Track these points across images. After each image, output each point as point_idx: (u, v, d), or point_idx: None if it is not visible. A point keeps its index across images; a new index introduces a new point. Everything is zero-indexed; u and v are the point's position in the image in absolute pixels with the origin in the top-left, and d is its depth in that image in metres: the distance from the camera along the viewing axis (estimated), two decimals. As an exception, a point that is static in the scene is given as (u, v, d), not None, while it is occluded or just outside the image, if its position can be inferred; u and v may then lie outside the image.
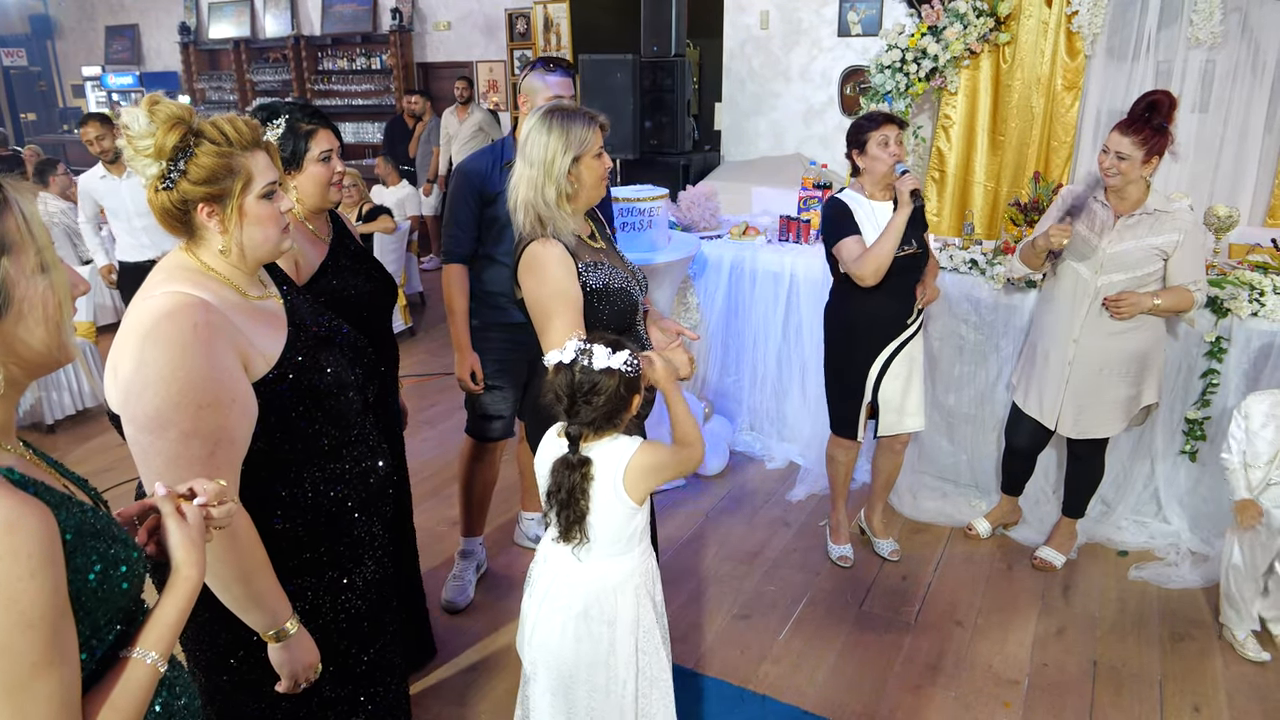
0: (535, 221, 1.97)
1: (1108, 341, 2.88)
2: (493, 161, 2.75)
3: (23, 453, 0.97)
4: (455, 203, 2.77)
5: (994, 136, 4.51)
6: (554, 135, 1.94)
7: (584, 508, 1.68)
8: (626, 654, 1.75)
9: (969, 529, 3.39)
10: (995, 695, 2.58)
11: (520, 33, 7.46)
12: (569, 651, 1.74)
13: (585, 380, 1.62)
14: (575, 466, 1.67)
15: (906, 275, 2.89)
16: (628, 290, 2.06)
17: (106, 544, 0.95)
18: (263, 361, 1.45)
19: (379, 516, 1.71)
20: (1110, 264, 2.81)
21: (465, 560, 3.13)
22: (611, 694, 1.76)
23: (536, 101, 2.69)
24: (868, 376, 2.99)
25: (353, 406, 1.62)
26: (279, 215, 1.48)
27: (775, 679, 2.65)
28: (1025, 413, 3.13)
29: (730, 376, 4.25)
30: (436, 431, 4.46)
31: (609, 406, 1.64)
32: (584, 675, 1.76)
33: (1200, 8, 3.93)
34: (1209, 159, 4.15)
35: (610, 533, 1.71)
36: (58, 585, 0.86)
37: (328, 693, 1.65)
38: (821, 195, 4.08)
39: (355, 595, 1.65)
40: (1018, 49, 4.32)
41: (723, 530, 3.52)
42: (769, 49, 5.40)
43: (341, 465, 1.59)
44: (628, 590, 1.75)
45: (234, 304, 1.45)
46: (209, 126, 1.38)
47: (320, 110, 2.15)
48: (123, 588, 0.97)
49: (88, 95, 10.65)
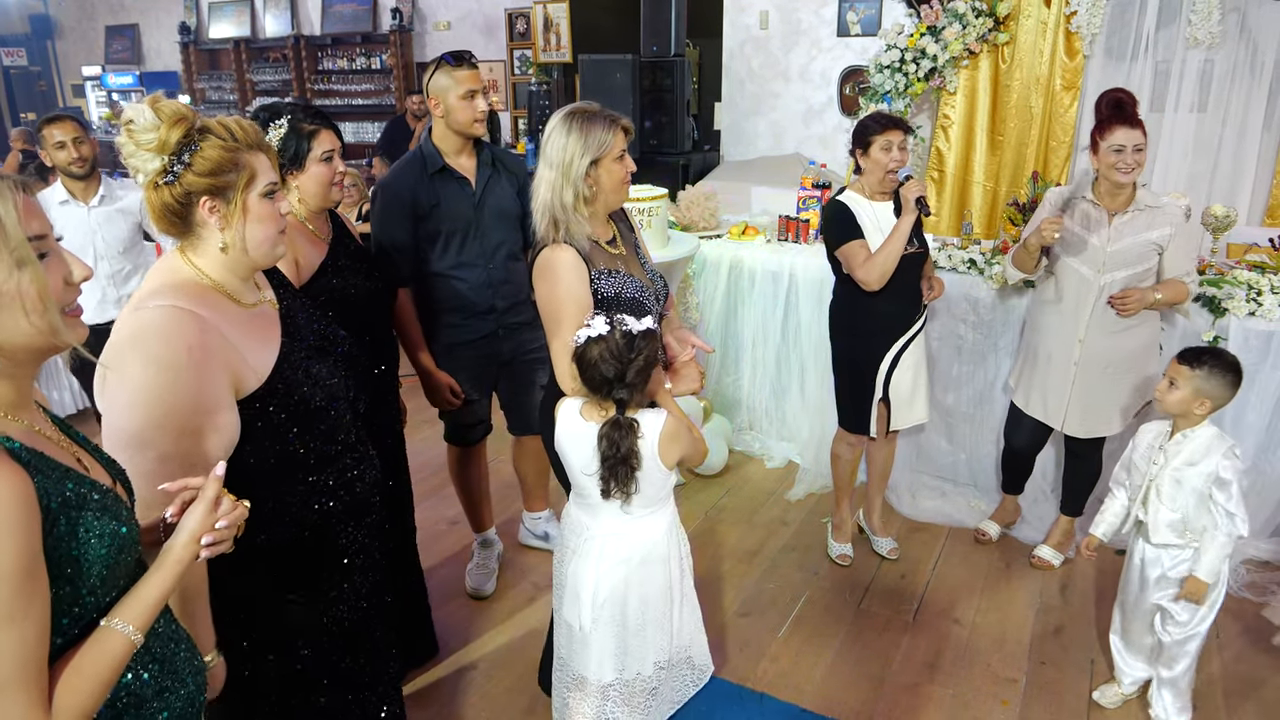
0: (550, 225, 1.97)
1: (1113, 340, 2.89)
2: (419, 173, 2.61)
3: (34, 426, 1.02)
4: (387, 225, 2.59)
5: (993, 136, 4.52)
6: (573, 137, 1.94)
7: (636, 465, 1.84)
8: (674, 583, 2.00)
9: (982, 534, 3.39)
10: (993, 693, 2.59)
11: (520, 33, 7.47)
12: (635, 595, 1.95)
13: (626, 344, 1.77)
14: (627, 428, 1.81)
15: (911, 273, 2.91)
16: (641, 300, 2.05)
17: (94, 515, 1.01)
18: (254, 377, 1.43)
19: (367, 525, 1.70)
20: (1112, 262, 2.82)
21: (485, 549, 3.14)
22: (663, 621, 2.00)
23: (449, 100, 2.56)
24: (879, 373, 3.00)
25: (342, 419, 1.60)
26: (279, 216, 1.47)
27: (774, 677, 2.66)
28: (1026, 413, 3.14)
29: (729, 375, 4.26)
30: (436, 431, 4.43)
31: (647, 366, 1.80)
32: (650, 613, 1.97)
33: (1198, 8, 3.93)
34: (1207, 159, 4.15)
35: (653, 490, 1.91)
36: (25, 548, 0.90)
37: (322, 702, 1.64)
38: (820, 195, 4.08)
39: (345, 605, 1.64)
40: (1016, 49, 4.33)
41: (722, 529, 3.52)
42: (768, 49, 5.41)
43: (326, 477, 1.57)
44: (674, 532, 2.01)
45: (229, 315, 1.43)
46: (214, 124, 1.40)
47: (322, 111, 2.16)
48: (104, 557, 1.02)
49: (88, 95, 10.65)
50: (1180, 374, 2.27)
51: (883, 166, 2.84)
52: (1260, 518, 3.16)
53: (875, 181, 2.89)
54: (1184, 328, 3.17)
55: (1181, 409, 2.28)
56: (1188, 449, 2.28)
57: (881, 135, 2.83)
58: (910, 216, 2.78)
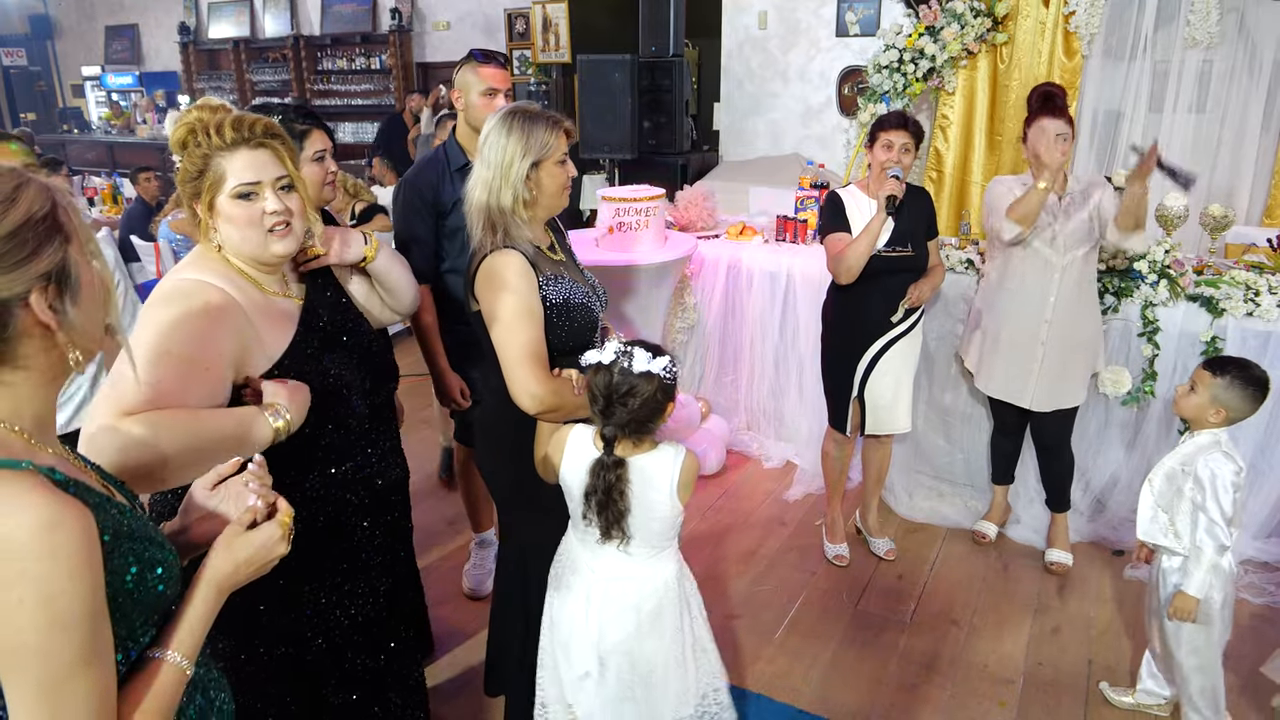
0: (488, 229, 1.88)
1: (1076, 317, 2.99)
2: (441, 170, 2.63)
3: (64, 453, 0.99)
4: (409, 219, 2.63)
5: (991, 137, 4.51)
6: (513, 138, 1.87)
7: (622, 508, 1.69)
8: (685, 630, 1.83)
9: (981, 536, 3.39)
10: (990, 694, 2.58)
11: (519, 32, 7.47)
12: (649, 645, 1.78)
13: (624, 382, 1.64)
14: (611, 468, 1.68)
15: (896, 276, 2.91)
16: (588, 306, 1.97)
17: (143, 545, 0.96)
18: (264, 358, 1.49)
19: (386, 524, 1.70)
20: (1069, 242, 2.92)
21: (482, 550, 3.14)
22: (681, 668, 1.83)
23: (470, 96, 2.60)
24: (854, 373, 3.01)
25: (355, 409, 1.61)
26: (256, 217, 1.48)
27: (770, 678, 2.66)
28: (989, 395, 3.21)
29: (727, 376, 4.25)
30: (435, 431, 4.46)
31: (645, 411, 1.65)
32: (670, 661, 1.81)
33: (1197, 8, 3.93)
34: (1206, 159, 4.15)
35: (659, 531, 1.76)
36: (95, 587, 0.86)
37: (337, 700, 1.64)
38: (818, 195, 4.08)
39: (363, 602, 1.64)
40: (1015, 49, 4.32)
41: (719, 529, 3.52)
42: (767, 49, 5.41)
43: (344, 470, 1.58)
44: (683, 577, 1.85)
45: (250, 299, 1.51)
46: (200, 128, 1.41)
47: (313, 111, 2.15)
48: (158, 590, 0.97)
49: (87, 95, 10.66)
50: (1202, 379, 2.23)
51: (879, 163, 2.88)
52: (1259, 518, 3.16)
53: (873, 177, 2.94)
54: (1181, 329, 3.17)
55: (1196, 414, 2.25)
56: (1186, 449, 2.27)
57: (885, 133, 2.87)
58: (880, 215, 2.80)
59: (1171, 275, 3.19)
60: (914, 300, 2.94)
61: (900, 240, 2.85)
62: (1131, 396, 3.24)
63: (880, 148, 2.86)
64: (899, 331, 2.98)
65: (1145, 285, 3.21)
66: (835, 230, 2.91)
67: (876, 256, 2.85)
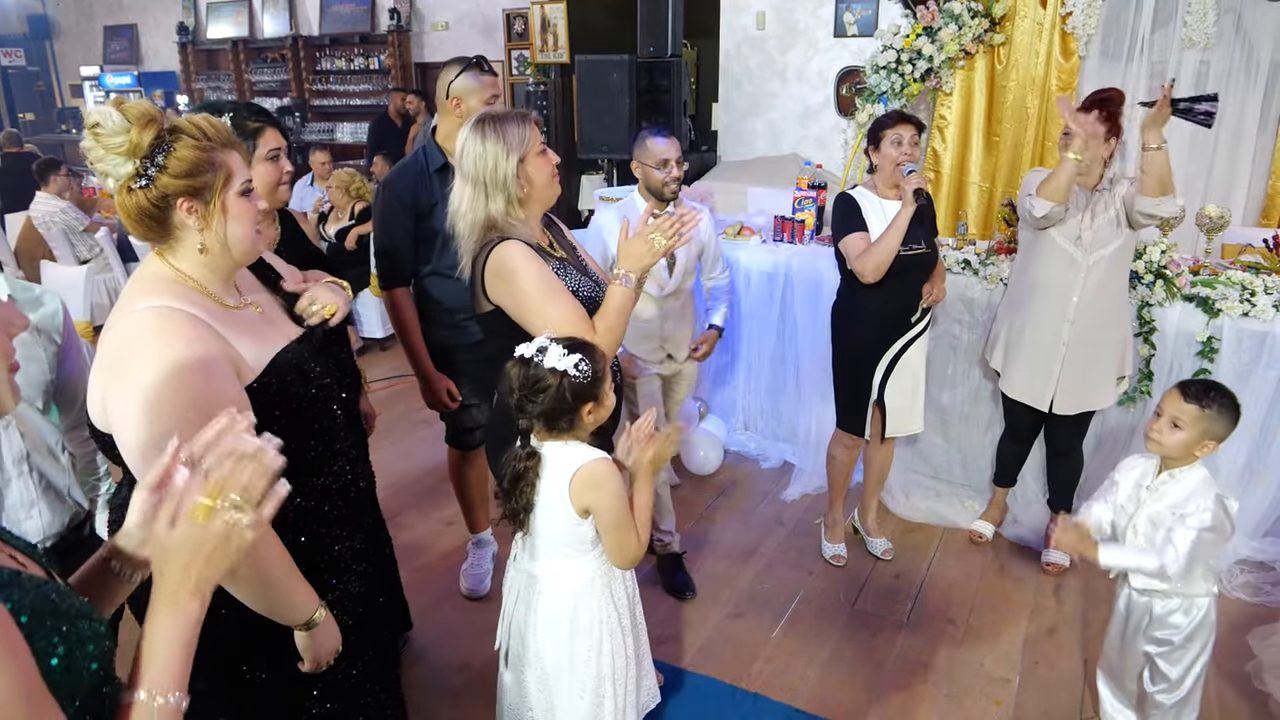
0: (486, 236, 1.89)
1: (1101, 318, 2.94)
2: (420, 171, 2.63)
3: None
4: (388, 222, 2.62)
5: (989, 137, 4.52)
6: (490, 142, 1.87)
7: (529, 499, 1.72)
8: (586, 653, 1.79)
9: (978, 536, 3.39)
10: (987, 693, 2.59)
11: (518, 33, 7.47)
12: (547, 651, 1.81)
13: (533, 375, 1.65)
14: (523, 458, 1.72)
15: (913, 274, 2.90)
16: (596, 300, 1.95)
17: (68, 622, 0.85)
18: (248, 371, 1.42)
19: (360, 530, 1.69)
20: (1095, 240, 2.88)
21: (480, 550, 3.14)
22: (577, 691, 1.81)
23: (470, 102, 2.59)
24: (875, 374, 3.00)
25: (337, 419, 1.60)
26: (257, 213, 1.46)
27: (768, 677, 2.66)
28: (1012, 399, 3.16)
29: (726, 375, 4.26)
30: (433, 432, 4.46)
31: (548, 406, 1.65)
32: (562, 672, 1.81)
33: (1194, 9, 3.93)
34: (1203, 159, 4.15)
35: (557, 536, 1.76)
36: (20, 674, 0.76)
37: (315, 711, 1.63)
38: (816, 195, 4.09)
39: (339, 610, 1.64)
40: (1012, 50, 4.33)
41: (717, 529, 3.53)
42: (765, 49, 5.41)
43: (323, 479, 1.56)
44: (595, 589, 1.80)
45: (215, 314, 1.42)
46: (185, 123, 1.36)
47: (266, 109, 2.12)
48: (91, 668, 0.86)
49: (86, 95, 10.65)
50: (1186, 414, 1.98)
51: (892, 160, 2.84)
52: (1254, 518, 3.17)
53: (885, 176, 2.90)
54: (1177, 329, 3.18)
55: (1183, 452, 2.01)
56: (1174, 492, 2.03)
57: (892, 129, 2.84)
58: (909, 208, 2.76)
59: (1168, 275, 3.20)
60: (934, 299, 2.95)
61: (914, 239, 2.84)
62: (1128, 397, 3.24)
63: (890, 144, 2.84)
64: (917, 331, 2.99)
65: (1141, 285, 3.22)
66: (853, 230, 2.87)
67: (895, 255, 2.84)
